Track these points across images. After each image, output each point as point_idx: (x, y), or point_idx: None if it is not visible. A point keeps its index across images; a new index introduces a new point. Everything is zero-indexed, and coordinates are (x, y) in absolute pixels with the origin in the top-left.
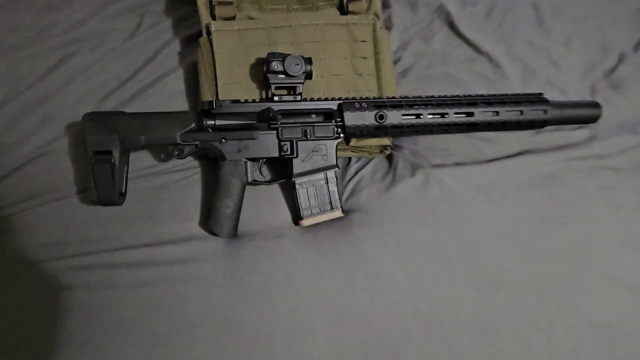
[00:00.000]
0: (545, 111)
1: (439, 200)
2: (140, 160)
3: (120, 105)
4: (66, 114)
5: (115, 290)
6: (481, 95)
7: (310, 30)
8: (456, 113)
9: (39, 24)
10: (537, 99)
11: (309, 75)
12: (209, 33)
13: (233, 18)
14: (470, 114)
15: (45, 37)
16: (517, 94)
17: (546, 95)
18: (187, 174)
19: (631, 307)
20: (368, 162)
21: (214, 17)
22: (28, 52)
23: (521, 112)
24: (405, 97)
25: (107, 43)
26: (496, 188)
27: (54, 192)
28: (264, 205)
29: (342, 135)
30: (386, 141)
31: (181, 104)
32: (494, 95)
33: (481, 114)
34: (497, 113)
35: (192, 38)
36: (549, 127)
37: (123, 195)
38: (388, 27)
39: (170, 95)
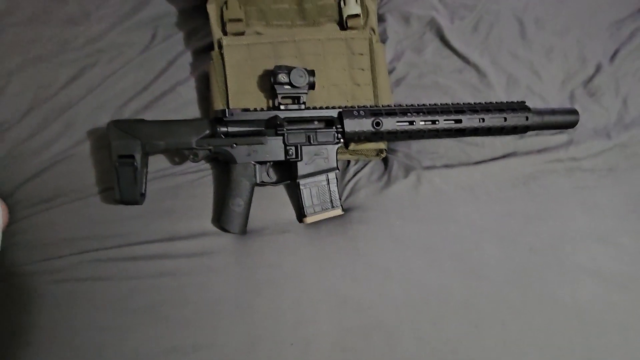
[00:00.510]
0: (527, 118)
1: (429, 199)
2: (157, 163)
3: (137, 112)
4: (87, 121)
5: (137, 280)
6: (468, 104)
7: (313, 45)
8: (446, 120)
9: (61, 37)
10: (519, 107)
11: (312, 86)
12: (220, 47)
13: (242, 33)
14: (459, 121)
15: (67, 49)
16: (502, 102)
17: (528, 103)
18: (200, 176)
19: (601, 293)
20: (365, 165)
21: (225, 33)
22: (51, 63)
23: (505, 118)
24: (399, 105)
25: (124, 54)
26: (481, 187)
27: (77, 192)
28: (271, 204)
29: (342, 140)
30: (382, 145)
31: (193, 111)
32: (480, 103)
33: (468, 121)
34: (483, 120)
35: (203, 50)
36: (530, 132)
37: (143, 195)
38: (383, 39)
39: (183, 103)
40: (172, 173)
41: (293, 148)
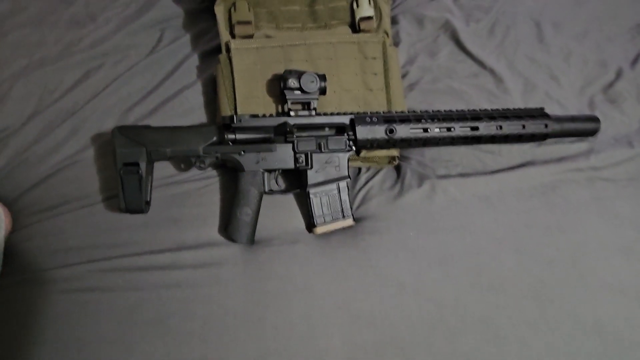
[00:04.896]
0: (546, 125)
1: (444, 209)
2: (162, 170)
3: (143, 116)
4: (93, 126)
5: (142, 291)
6: (485, 110)
7: (324, 48)
8: (461, 127)
9: (66, 39)
10: (538, 114)
11: (323, 91)
12: (228, 50)
13: (251, 36)
14: (475, 128)
15: (72, 52)
16: (520, 109)
17: (546, 110)
18: (206, 183)
19: (623, 309)
20: (377, 172)
21: (233, 35)
22: (56, 66)
23: (523, 126)
24: (413, 111)
25: (130, 57)
26: (498, 197)
27: (83, 199)
28: (280, 213)
29: (353, 147)
30: (394, 152)
31: (200, 116)
32: (497, 109)
33: (485, 128)
34: (501, 127)
35: (211, 52)
36: (549, 140)
37: (148, 203)
38: (396, 42)
39: (189, 108)
40: (178, 180)
41: (303, 155)
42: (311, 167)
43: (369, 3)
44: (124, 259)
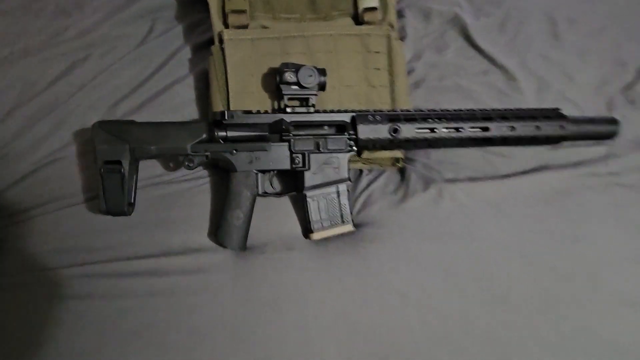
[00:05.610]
0: (562, 127)
1: (450, 215)
2: (149, 168)
3: (131, 111)
4: (77, 121)
5: (125, 299)
6: (497, 109)
7: (324, 41)
8: (471, 127)
9: (50, 29)
10: (553, 114)
11: (322, 87)
12: (221, 41)
13: (246, 27)
14: (486, 129)
15: (57, 42)
16: (534, 109)
17: (562, 110)
18: (197, 183)
19: None
20: (379, 175)
21: (226, 25)
22: (38, 57)
23: (538, 127)
24: (420, 110)
25: (118, 49)
26: (509, 204)
27: (65, 199)
28: (274, 217)
29: (354, 148)
30: (398, 154)
31: (191, 112)
32: (510, 109)
33: (497, 129)
34: (514, 128)
35: (204, 45)
36: (564, 143)
37: (132, 205)
38: (401, 37)
39: (180, 103)
40: (166, 181)
41: (300, 156)
42: (308, 169)
43: None
44: (106, 264)
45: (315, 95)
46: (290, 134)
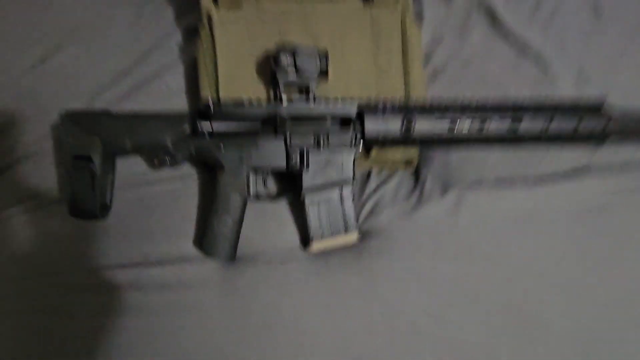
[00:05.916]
0: (608, 122)
1: (471, 228)
2: (130, 166)
3: (115, 102)
4: (55, 112)
5: (98, 317)
6: (530, 101)
7: (328, 22)
8: (499, 122)
9: (28, 12)
10: (597, 106)
11: (324, 73)
12: (210, 22)
13: (239, 6)
14: (517, 124)
15: (34, 26)
16: (574, 100)
17: (607, 102)
18: (184, 184)
19: None
20: (390, 177)
21: (217, 4)
22: (14, 42)
23: (579, 122)
24: (438, 101)
25: (103, 34)
26: (541, 216)
27: (38, 198)
28: (268, 224)
29: (361, 144)
30: (413, 153)
31: (181, 102)
32: (545, 100)
33: (530, 124)
34: (550, 123)
35: (196, 29)
36: (609, 143)
37: (107, 207)
38: (418, 20)
39: (169, 93)
40: (149, 180)
41: (298, 153)
42: (307, 168)
43: None
44: (77, 274)
45: (316, 82)
46: (287, 128)
